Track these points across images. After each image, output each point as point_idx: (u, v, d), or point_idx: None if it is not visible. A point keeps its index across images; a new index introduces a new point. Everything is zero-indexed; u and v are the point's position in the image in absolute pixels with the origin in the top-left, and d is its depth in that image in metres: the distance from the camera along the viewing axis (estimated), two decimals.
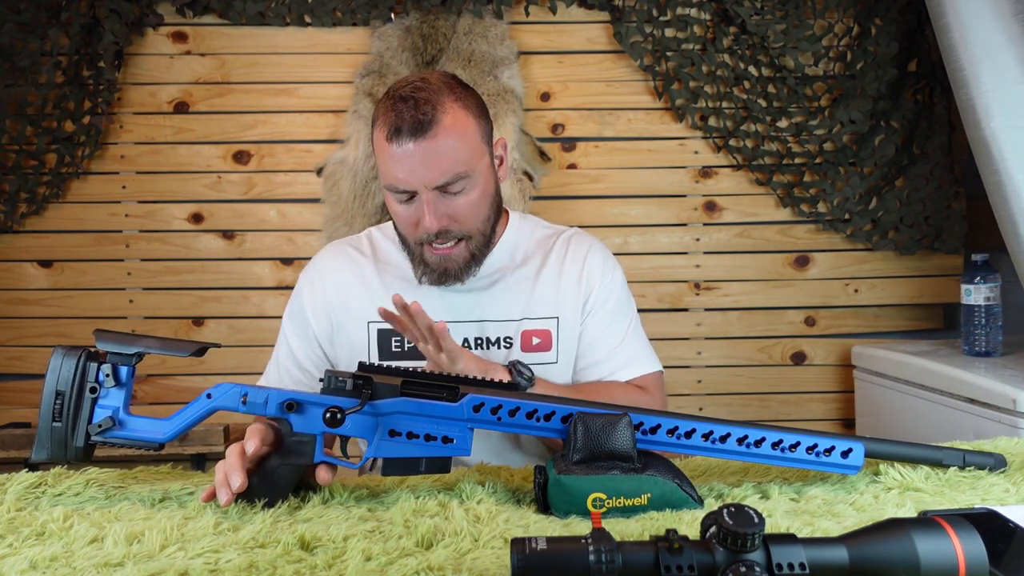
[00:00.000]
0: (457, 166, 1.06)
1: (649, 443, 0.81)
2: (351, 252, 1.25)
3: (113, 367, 0.85)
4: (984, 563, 0.53)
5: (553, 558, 0.52)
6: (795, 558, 0.52)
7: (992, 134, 1.59)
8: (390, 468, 0.83)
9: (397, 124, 1.05)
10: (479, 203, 1.11)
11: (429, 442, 0.82)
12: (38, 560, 0.67)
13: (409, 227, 1.11)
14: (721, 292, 2.19)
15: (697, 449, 0.82)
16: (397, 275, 1.21)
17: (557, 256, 1.24)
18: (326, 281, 1.21)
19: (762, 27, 2.06)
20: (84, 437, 0.82)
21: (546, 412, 0.81)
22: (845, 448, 0.81)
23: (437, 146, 1.05)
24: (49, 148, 2.07)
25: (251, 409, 0.82)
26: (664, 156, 2.17)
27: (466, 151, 1.08)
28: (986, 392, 1.53)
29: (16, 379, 2.16)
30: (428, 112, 1.04)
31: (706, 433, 0.81)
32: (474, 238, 1.12)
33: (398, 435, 0.82)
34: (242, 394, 0.82)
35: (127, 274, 2.15)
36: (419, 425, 0.82)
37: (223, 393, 0.84)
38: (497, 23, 2.08)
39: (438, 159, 1.05)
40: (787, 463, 0.81)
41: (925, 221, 2.11)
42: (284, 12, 2.10)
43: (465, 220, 1.10)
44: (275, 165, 2.15)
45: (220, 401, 0.84)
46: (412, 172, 1.05)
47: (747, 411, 2.19)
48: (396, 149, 1.05)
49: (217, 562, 0.66)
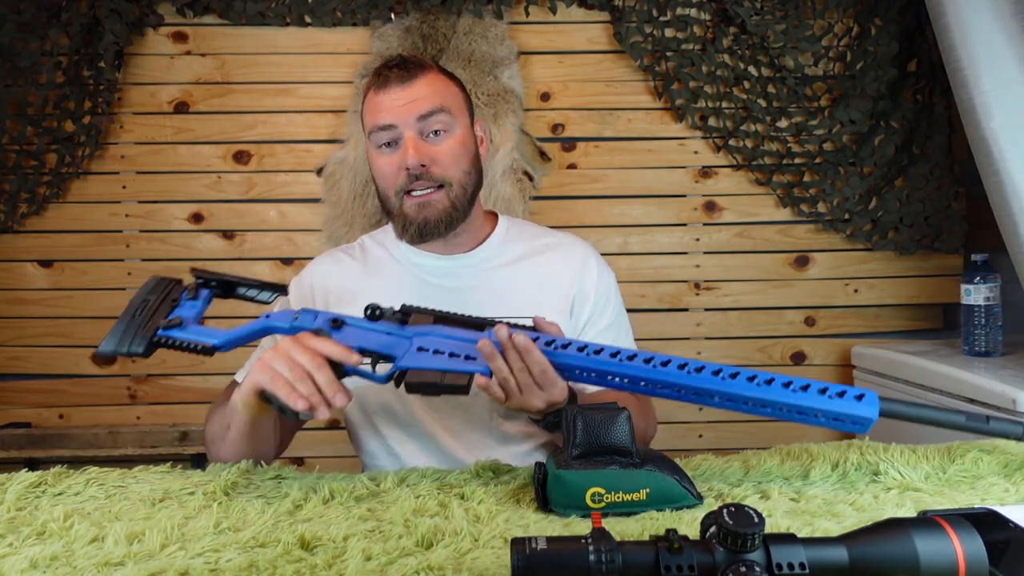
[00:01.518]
0: (438, 101, 1.13)
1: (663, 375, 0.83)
2: (341, 257, 1.28)
3: (197, 285, 0.99)
4: (984, 563, 0.53)
5: (553, 558, 0.52)
6: (795, 558, 0.52)
7: (992, 134, 1.59)
8: (412, 379, 0.89)
9: (384, 76, 1.14)
10: (459, 152, 1.16)
11: (452, 359, 0.89)
12: (39, 559, 0.67)
13: (392, 174, 1.15)
14: (721, 292, 2.19)
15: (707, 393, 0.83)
16: (383, 277, 1.22)
17: (548, 258, 1.25)
18: (314, 279, 1.25)
19: (762, 27, 2.06)
20: (152, 333, 0.94)
21: (563, 343, 0.89)
22: (858, 393, 0.79)
23: (419, 88, 1.13)
24: (49, 148, 2.07)
25: (301, 325, 0.93)
26: (664, 156, 2.17)
27: (447, 97, 1.16)
28: (986, 392, 1.53)
29: (16, 379, 2.16)
30: (412, 68, 1.15)
31: (716, 370, 0.83)
32: (453, 187, 1.15)
33: (425, 351, 0.90)
34: (294, 314, 0.95)
35: (127, 274, 2.15)
36: (445, 345, 0.90)
37: (278, 316, 0.96)
38: (497, 23, 2.08)
39: (420, 97, 1.13)
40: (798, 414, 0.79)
41: (925, 221, 2.11)
42: (284, 12, 2.10)
43: (444, 164, 1.14)
44: (275, 165, 2.15)
45: (275, 321, 0.96)
46: (395, 108, 1.12)
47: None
48: (382, 95, 1.14)
49: (217, 562, 0.66)
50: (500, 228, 1.27)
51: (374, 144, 1.16)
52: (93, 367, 2.15)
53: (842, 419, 0.79)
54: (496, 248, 1.24)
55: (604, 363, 0.86)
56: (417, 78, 1.14)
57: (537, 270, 1.22)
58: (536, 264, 1.23)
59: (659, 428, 1.29)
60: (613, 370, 0.86)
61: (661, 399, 0.89)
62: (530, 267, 1.23)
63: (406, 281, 1.21)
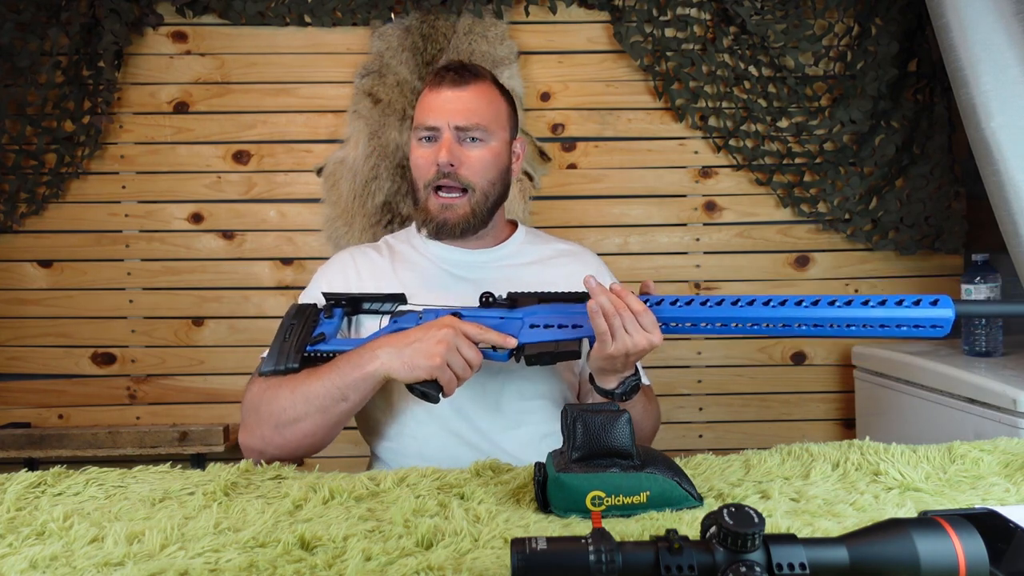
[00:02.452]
0: (479, 118, 1.22)
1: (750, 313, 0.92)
2: (369, 251, 1.34)
3: (330, 306, 1.16)
4: (984, 563, 0.53)
5: (553, 558, 0.52)
6: (795, 558, 0.52)
7: (992, 134, 1.59)
8: (531, 352, 1.03)
9: (441, 76, 1.24)
10: (489, 162, 1.24)
11: (562, 329, 1.03)
12: (38, 559, 0.67)
13: (424, 166, 1.23)
14: (721, 292, 2.19)
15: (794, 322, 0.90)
16: (411, 269, 1.29)
17: (564, 262, 1.32)
18: (346, 269, 1.30)
19: (762, 27, 2.06)
20: (301, 349, 1.09)
21: (655, 300, 0.99)
22: (932, 299, 0.86)
23: (467, 96, 1.22)
24: (49, 148, 2.07)
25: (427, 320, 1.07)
26: (664, 156, 2.17)
27: (490, 112, 1.24)
28: (986, 392, 1.53)
29: (16, 379, 2.16)
30: (468, 75, 1.24)
31: (798, 301, 0.90)
32: (477, 193, 1.23)
33: (536, 327, 1.04)
34: (418, 315, 1.09)
35: (127, 274, 2.15)
36: (553, 318, 1.04)
37: (406, 319, 1.09)
38: (497, 23, 2.08)
39: (465, 105, 1.22)
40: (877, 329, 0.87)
41: (925, 221, 2.11)
42: (284, 12, 2.10)
43: (473, 170, 1.22)
44: (275, 165, 2.15)
45: (402, 323, 1.09)
46: (441, 109, 1.22)
47: (747, 411, 2.19)
48: (433, 94, 1.23)
49: (217, 562, 0.66)
50: (520, 232, 1.36)
51: (415, 136, 1.25)
52: (93, 367, 2.15)
53: (922, 324, 0.87)
54: (517, 247, 1.33)
55: (696, 311, 0.96)
56: (469, 85, 1.23)
57: (555, 271, 1.29)
58: (554, 266, 1.31)
59: (659, 428, 1.30)
60: (705, 315, 0.95)
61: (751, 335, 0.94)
62: (548, 269, 1.30)
63: (431, 272, 1.28)
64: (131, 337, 2.15)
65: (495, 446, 1.18)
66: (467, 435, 1.19)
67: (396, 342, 1.04)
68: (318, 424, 1.07)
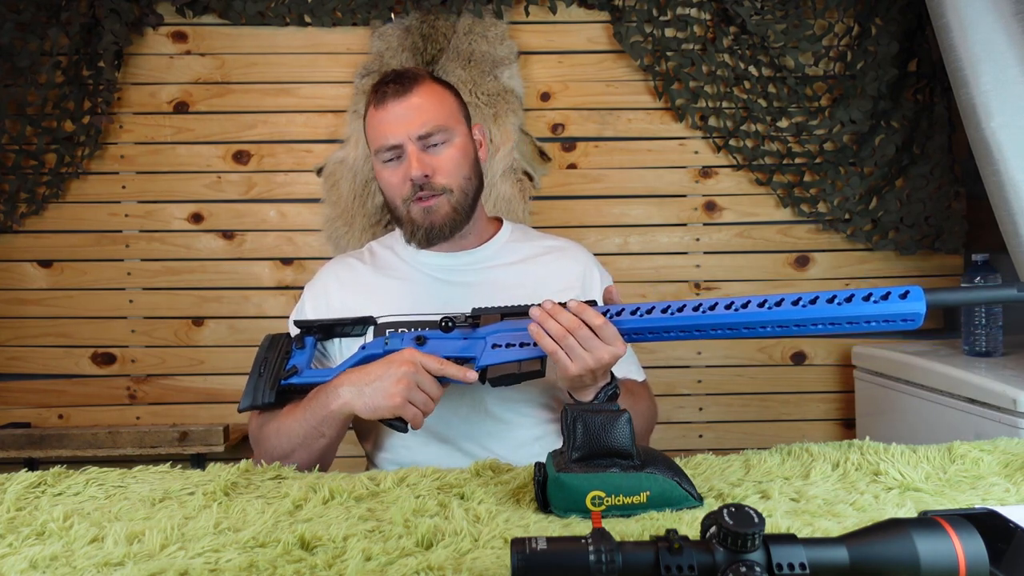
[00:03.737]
0: (436, 119, 1.20)
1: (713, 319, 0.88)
2: (352, 262, 1.33)
3: (301, 336, 1.15)
4: (984, 563, 0.53)
5: (553, 558, 0.52)
6: (795, 558, 0.52)
7: (992, 134, 1.59)
8: (494, 375, 1.00)
9: (382, 93, 1.21)
10: (459, 160, 1.22)
11: (525, 347, 0.99)
12: (38, 559, 0.67)
13: (397, 186, 1.22)
14: (721, 292, 2.19)
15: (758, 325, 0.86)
16: (394, 277, 1.27)
17: (552, 258, 1.30)
18: (328, 288, 1.29)
19: (762, 27, 2.06)
20: (275, 383, 1.10)
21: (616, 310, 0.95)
22: (902, 291, 0.81)
23: (416, 102, 1.20)
24: (49, 148, 2.07)
25: (392, 347, 1.06)
26: (664, 156, 2.17)
27: (443, 110, 1.22)
28: (986, 392, 1.53)
29: (16, 379, 2.16)
30: (407, 82, 1.21)
31: (761, 302, 0.86)
32: (455, 193, 1.22)
33: (499, 347, 1.01)
34: (384, 340, 1.08)
35: (127, 274, 2.15)
36: (516, 336, 1.00)
37: (372, 345, 1.09)
38: (497, 23, 2.08)
39: (418, 112, 1.19)
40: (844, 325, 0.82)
41: (925, 221, 2.11)
42: (284, 12, 2.10)
43: (446, 173, 1.21)
44: (275, 165, 2.15)
45: (371, 350, 1.08)
46: (396, 125, 1.19)
47: (747, 411, 2.19)
48: (382, 112, 1.21)
49: (217, 562, 0.66)
50: (504, 230, 1.33)
51: (379, 160, 1.23)
52: (93, 367, 2.15)
53: (892, 319, 0.81)
54: (501, 247, 1.30)
55: (658, 320, 0.93)
56: (412, 91, 1.20)
57: (541, 269, 1.27)
58: (540, 264, 1.29)
59: (659, 428, 1.30)
60: (668, 325, 0.92)
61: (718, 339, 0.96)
62: (534, 266, 1.28)
63: (415, 279, 1.26)
64: (131, 337, 2.15)
65: (489, 452, 1.17)
66: (460, 443, 1.19)
67: (358, 380, 1.03)
68: (305, 458, 1.09)
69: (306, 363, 1.12)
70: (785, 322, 0.85)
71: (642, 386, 1.27)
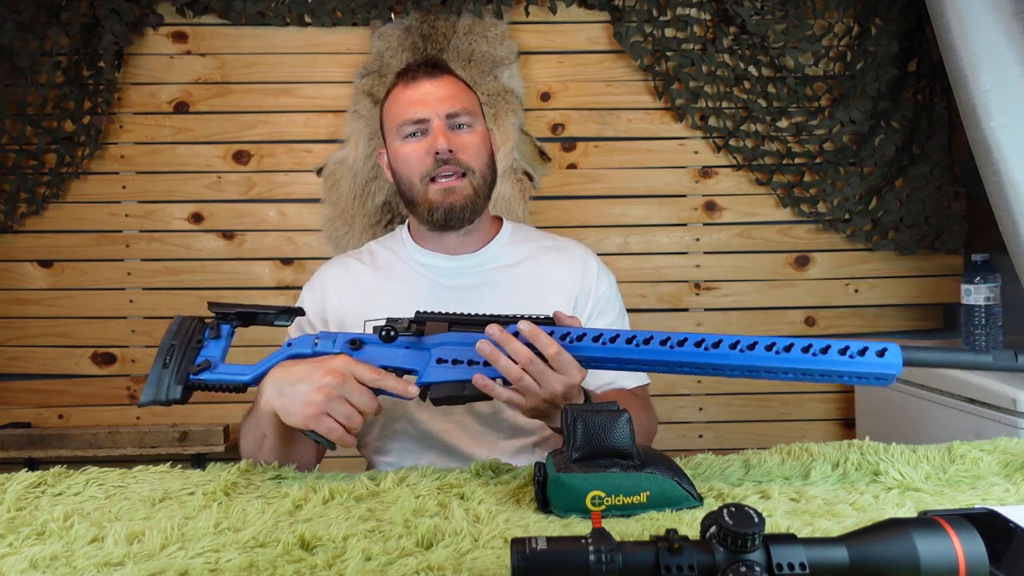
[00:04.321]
0: (464, 103, 1.21)
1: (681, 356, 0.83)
2: (351, 262, 1.31)
3: (217, 323, 0.99)
4: (984, 563, 0.53)
5: (553, 558, 0.52)
6: (795, 558, 0.52)
7: (992, 134, 1.59)
8: (436, 394, 0.90)
9: (413, 71, 1.22)
10: (481, 146, 1.22)
11: (472, 366, 0.89)
12: (38, 559, 0.67)
13: (417, 161, 1.19)
14: (721, 292, 2.19)
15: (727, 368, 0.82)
16: (392, 278, 1.26)
17: (551, 259, 1.28)
18: (327, 289, 1.27)
19: (762, 27, 2.06)
20: (185, 379, 0.94)
21: (578, 334, 0.88)
22: (880, 348, 0.79)
23: (447, 84, 1.22)
24: (49, 148, 2.07)
25: (322, 349, 0.94)
26: (664, 156, 2.17)
27: (470, 99, 1.24)
28: (986, 392, 1.53)
29: (16, 379, 2.16)
30: (439, 68, 1.24)
31: (733, 343, 0.82)
32: (476, 176, 1.20)
33: (444, 362, 0.91)
34: (314, 340, 0.96)
35: (127, 274, 2.15)
36: (464, 353, 0.90)
37: (299, 342, 0.96)
38: (497, 23, 2.08)
39: (448, 92, 1.20)
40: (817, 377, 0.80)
41: (925, 221, 2.11)
42: (284, 12, 2.10)
43: (470, 153, 1.20)
44: (275, 165, 2.15)
45: (297, 348, 0.96)
46: (425, 100, 1.19)
47: (747, 411, 2.19)
48: (411, 89, 1.21)
49: (217, 562, 0.66)
50: (505, 231, 1.31)
51: (400, 136, 1.21)
52: (93, 367, 2.15)
53: (866, 376, 0.79)
54: (501, 249, 1.28)
55: (622, 350, 0.86)
56: (444, 77, 1.23)
57: (540, 271, 1.26)
58: (539, 265, 1.27)
59: (659, 428, 1.29)
60: (631, 357, 0.85)
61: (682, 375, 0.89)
62: (533, 267, 1.26)
63: (415, 281, 1.25)
64: (131, 337, 2.15)
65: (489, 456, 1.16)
66: (462, 448, 1.18)
67: (282, 378, 0.92)
68: (271, 456, 1.00)
69: (221, 355, 0.96)
70: (755, 368, 0.81)
71: (632, 395, 1.23)
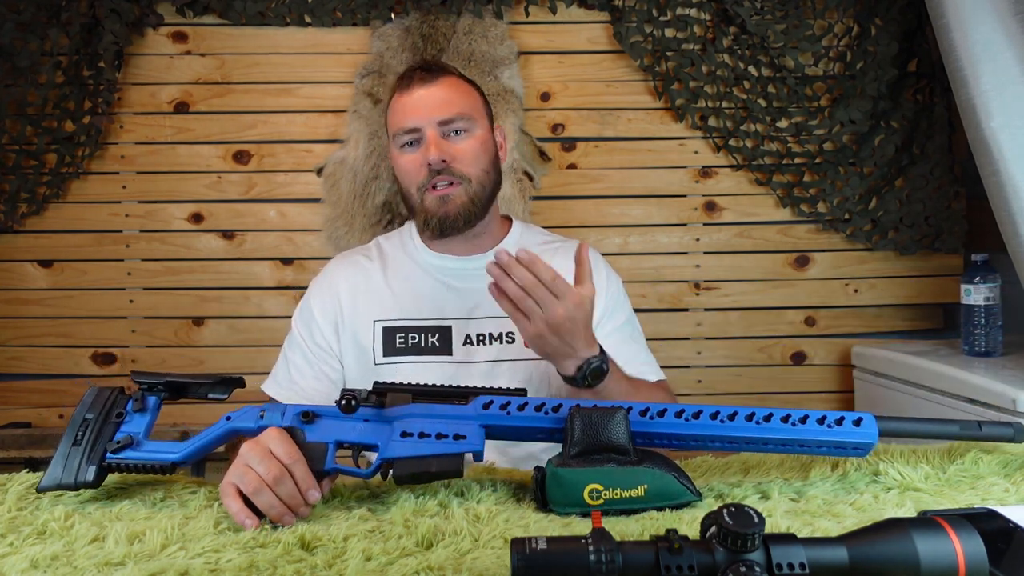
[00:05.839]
0: (459, 107, 1.19)
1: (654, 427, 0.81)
2: (360, 260, 1.30)
3: (143, 395, 0.88)
4: (984, 563, 0.53)
5: (553, 558, 0.52)
6: (795, 558, 0.52)
7: (992, 134, 1.59)
8: (401, 471, 0.79)
9: (408, 78, 1.21)
10: (479, 152, 1.20)
11: (440, 440, 0.81)
12: (39, 559, 0.67)
13: (413, 172, 1.19)
14: (721, 292, 2.19)
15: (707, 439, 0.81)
16: (403, 279, 1.26)
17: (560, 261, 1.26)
18: (337, 287, 1.26)
19: (762, 27, 2.06)
20: (100, 458, 0.83)
21: (554, 405, 0.83)
22: (855, 418, 0.81)
23: (441, 90, 1.20)
24: (49, 148, 2.07)
25: (268, 423, 0.83)
26: (664, 156, 2.17)
27: (467, 101, 1.21)
28: (986, 392, 1.53)
29: (16, 379, 2.16)
30: (435, 71, 1.22)
31: (714, 413, 0.82)
32: (472, 183, 1.19)
33: (410, 435, 0.81)
34: (260, 412, 0.85)
35: (127, 274, 2.15)
36: (430, 426, 0.82)
37: (241, 415, 0.86)
38: (497, 23, 2.08)
39: (441, 98, 1.19)
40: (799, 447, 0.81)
41: (925, 221, 2.11)
42: (284, 12, 2.10)
43: (464, 161, 1.19)
44: (275, 165, 2.15)
45: (239, 422, 0.86)
46: (417, 109, 1.18)
47: None
48: (405, 97, 1.20)
49: (217, 562, 0.66)
50: (515, 231, 1.32)
51: (397, 145, 1.21)
52: (93, 367, 2.15)
53: (843, 447, 0.81)
54: (512, 247, 1.26)
55: None
56: (439, 80, 1.20)
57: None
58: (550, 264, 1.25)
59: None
60: None
61: None
62: None
63: (424, 283, 1.24)
64: (131, 337, 2.15)
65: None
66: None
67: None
68: None
69: (146, 430, 0.85)
70: (735, 439, 0.81)
71: (655, 387, 1.24)
